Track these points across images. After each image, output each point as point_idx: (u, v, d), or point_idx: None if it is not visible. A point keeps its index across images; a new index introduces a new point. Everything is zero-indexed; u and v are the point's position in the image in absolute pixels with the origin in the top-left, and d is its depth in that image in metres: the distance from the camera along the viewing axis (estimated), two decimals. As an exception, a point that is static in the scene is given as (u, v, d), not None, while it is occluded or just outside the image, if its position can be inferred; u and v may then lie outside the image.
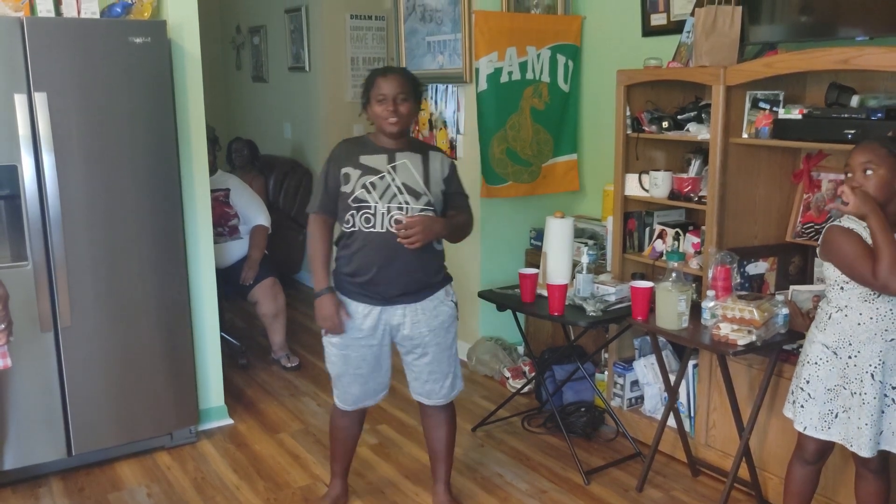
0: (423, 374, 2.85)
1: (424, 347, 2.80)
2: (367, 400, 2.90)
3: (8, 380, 3.12)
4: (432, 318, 2.78)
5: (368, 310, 2.73)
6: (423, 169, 2.72)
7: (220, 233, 4.42)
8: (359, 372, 2.81)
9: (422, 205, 2.67)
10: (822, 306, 2.49)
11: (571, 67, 4.38)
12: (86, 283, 3.22)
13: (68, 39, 3.08)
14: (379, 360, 2.82)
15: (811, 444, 2.54)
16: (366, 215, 2.66)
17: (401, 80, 2.67)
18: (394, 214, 2.65)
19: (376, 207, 2.65)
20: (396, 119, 2.65)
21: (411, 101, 2.68)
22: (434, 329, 2.79)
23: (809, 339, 2.52)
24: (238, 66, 7.33)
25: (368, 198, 2.65)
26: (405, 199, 2.66)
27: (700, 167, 3.38)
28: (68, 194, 3.14)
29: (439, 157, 2.79)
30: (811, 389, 2.47)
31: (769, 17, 3.22)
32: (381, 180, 2.66)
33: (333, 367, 2.85)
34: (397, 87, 2.65)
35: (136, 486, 3.28)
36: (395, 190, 2.66)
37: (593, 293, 3.41)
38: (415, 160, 2.72)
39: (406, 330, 2.76)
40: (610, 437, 3.67)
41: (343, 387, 2.86)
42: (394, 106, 2.64)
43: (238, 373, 4.52)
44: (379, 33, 6.06)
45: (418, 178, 2.69)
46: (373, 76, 2.70)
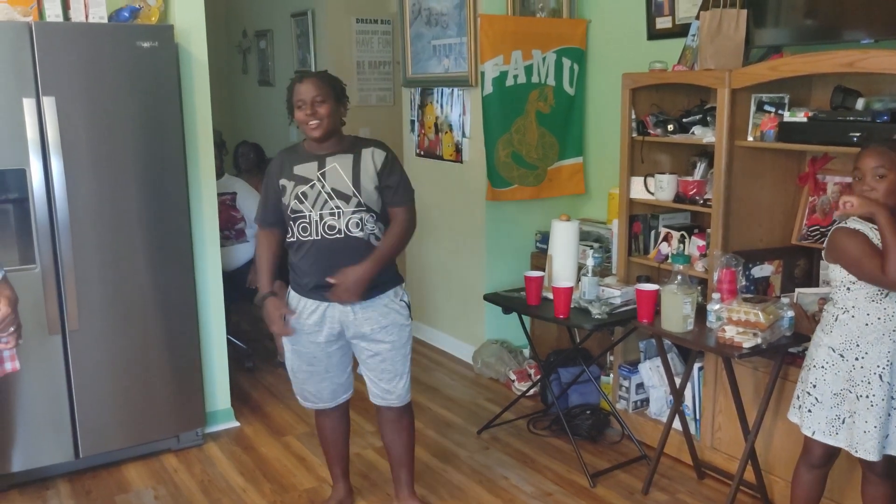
0: (376, 373, 2.85)
1: (377, 344, 2.80)
2: (327, 401, 2.91)
3: (16, 382, 3.13)
4: (382, 315, 2.77)
5: (315, 305, 2.75)
6: (353, 170, 2.71)
7: (226, 236, 4.44)
8: (311, 369, 2.84)
9: (353, 207, 2.68)
10: (828, 308, 2.48)
11: (577, 71, 4.39)
12: (93, 287, 3.24)
13: (76, 44, 3.10)
14: (332, 360, 2.84)
15: (818, 449, 2.53)
16: (302, 224, 2.70)
17: (316, 82, 2.67)
18: (326, 221, 2.67)
19: (310, 216, 2.68)
20: (317, 122, 2.66)
21: (330, 101, 2.67)
22: (385, 327, 2.78)
23: (815, 342, 2.51)
24: (244, 71, 7.35)
25: (302, 207, 2.69)
26: (336, 203, 2.67)
27: (705, 170, 3.38)
28: (76, 198, 3.15)
29: (371, 153, 2.74)
30: (818, 394, 2.46)
31: (774, 20, 3.22)
32: (311, 189, 2.69)
33: (287, 361, 2.90)
34: (313, 90, 2.65)
35: (142, 489, 3.29)
36: (325, 197, 2.68)
37: (598, 296, 3.41)
38: (345, 162, 2.71)
39: (355, 328, 2.77)
40: (615, 439, 3.67)
41: (298, 383, 2.90)
42: (311, 109, 2.65)
43: (244, 376, 4.53)
44: (385, 37, 6.08)
45: (347, 181, 2.69)
46: (291, 84, 2.72)
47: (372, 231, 2.72)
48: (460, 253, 4.62)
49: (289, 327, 2.78)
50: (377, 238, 2.74)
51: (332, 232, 2.67)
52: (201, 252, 3.62)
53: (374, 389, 2.89)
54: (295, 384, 2.92)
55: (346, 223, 2.67)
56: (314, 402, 2.92)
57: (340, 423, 2.99)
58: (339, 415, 2.97)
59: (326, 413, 2.95)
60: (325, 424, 2.99)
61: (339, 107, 2.72)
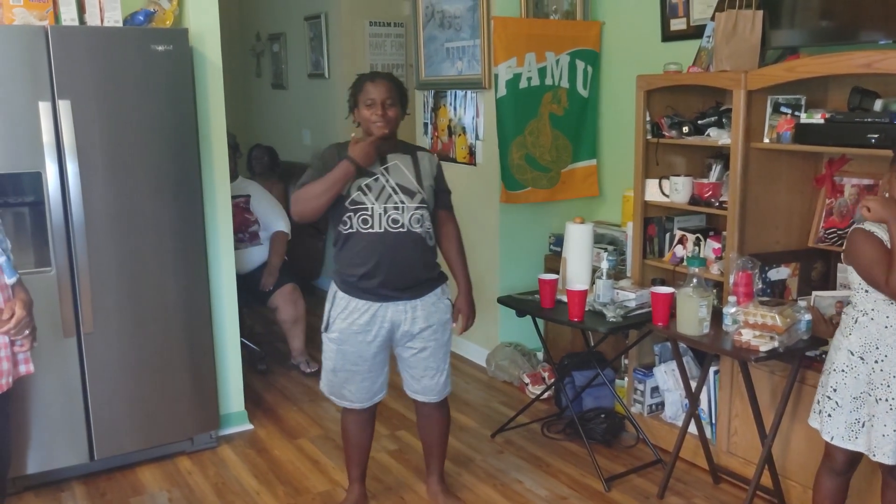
0: (418, 371, 2.90)
1: (424, 342, 2.85)
2: (363, 401, 2.91)
3: (31, 385, 3.14)
4: (430, 314, 2.84)
5: (367, 306, 2.77)
6: (415, 168, 2.79)
7: (240, 239, 4.45)
8: (355, 369, 2.84)
9: (416, 203, 2.75)
10: (847, 311, 2.45)
11: (590, 73, 4.38)
12: (108, 289, 3.25)
13: (91, 47, 3.11)
14: (377, 359, 2.85)
15: (840, 455, 2.49)
16: (363, 216, 2.72)
17: (389, 84, 2.74)
18: (390, 214, 2.71)
19: (373, 209, 2.71)
20: (384, 123, 2.72)
21: (398, 106, 2.75)
22: (432, 325, 2.85)
23: (835, 346, 2.47)
24: (258, 74, 7.37)
25: (365, 200, 2.71)
26: (400, 198, 2.73)
27: (721, 172, 3.36)
28: (91, 201, 3.17)
29: (427, 157, 2.87)
30: (838, 398, 2.43)
31: (790, 21, 3.20)
32: (375, 182, 2.73)
33: (329, 360, 2.89)
34: (385, 91, 2.72)
35: (157, 491, 3.30)
36: (389, 190, 2.73)
37: (613, 299, 3.39)
38: (405, 160, 2.80)
39: (406, 326, 2.81)
40: (630, 443, 3.65)
41: (338, 382, 2.89)
42: (382, 110, 2.71)
43: (258, 378, 4.54)
44: (398, 40, 6.08)
45: (411, 178, 2.76)
46: (361, 81, 2.78)
47: (428, 229, 2.81)
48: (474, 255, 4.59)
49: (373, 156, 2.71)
50: (431, 236, 2.83)
51: (395, 226, 2.72)
52: (215, 255, 3.62)
53: (416, 386, 2.93)
54: (332, 383, 2.91)
55: (409, 218, 2.73)
56: (350, 401, 2.91)
57: (368, 424, 3.00)
58: (368, 416, 2.98)
59: (356, 413, 2.95)
60: (353, 425, 2.98)
61: (403, 111, 2.80)
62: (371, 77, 2.77)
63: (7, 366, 2.28)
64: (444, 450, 3.12)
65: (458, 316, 2.98)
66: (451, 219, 2.97)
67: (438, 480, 3.14)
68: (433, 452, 3.10)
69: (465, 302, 2.98)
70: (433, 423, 3.04)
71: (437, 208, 2.89)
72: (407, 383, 2.97)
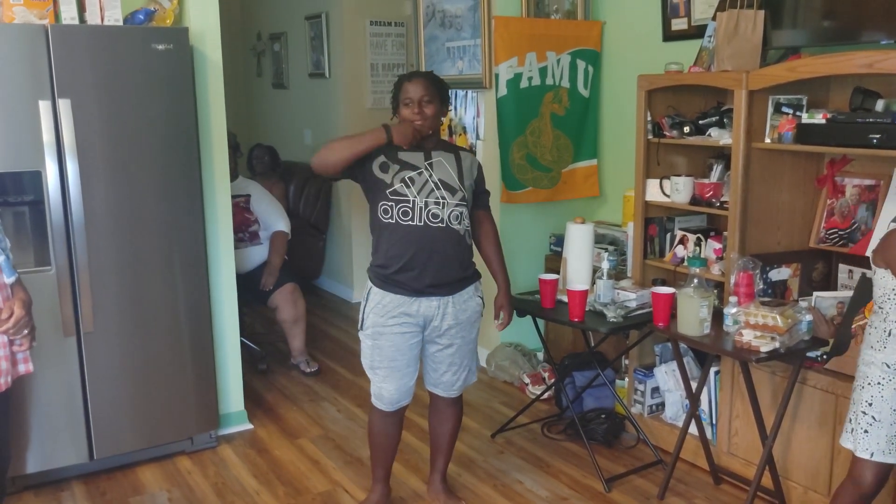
0: (443, 366, 2.92)
1: (451, 339, 2.87)
2: (403, 399, 2.90)
3: (31, 384, 3.14)
4: (461, 311, 2.86)
5: (400, 300, 2.78)
6: (457, 166, 2.83)
7: (240, 238, 4.44)
8: (393, 365, 2.83)
9: (457, 200, 2.78)
10: (876, 324, 2.30)
11: (591, 73, 4.37)
12: (108, 289, 3.25)
13: (92, 46, 3.11)
14: (412, 353, 2.85)
15: (870, 474, 2.32)
16: (404, 209, 2.74)
17: (425, 82, 2.78)
18: (431, 209, 2.74)
19: (414, 202, 2.73)
20: (422, 121, 2.75)
21: (436, 102, 2.79)
22: (461, 322, 2.86)
23: (867, 360, 2.32)
24: (259, 73, 7.37)
25: (407, 192, 2.74)
26: (442, 194, 2.75)
27: (722, 172, 3.35)
28: (91, 200, 3.16)
29: (469, 157, 2.92)
30: (875, 412, 2.28)
31: (791, 21, 3.19)
32: (419, 176, 2.76)
33: (366, 358, 2.89)
34: (422, 89, 2.76)
35: (157, 491, 3.29)
36: (432, 185, 2.75)
37: (614, 299, 3.39)
38: (448, 158, 2.83)
39: (436, 321, 2.82)
40: (631, 444, 3.65)
41: (377, 382, 2.88)
42: (419, 108, 2.75)
43: (258, 378, 4.53)
44: (399, 39, 6.07)
45: (454, 175, 2.80)
46: (400, 81, 2.82)
47: (467, 227, 2.84)
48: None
49: None
50: (469, 235, 2.87)
51: (435, 220, 2.74)
52: (215, 254, 3.62)
53: (436, 380, 2.96)
54: (374, 384, 2.90)
55: (449, 214, 2.76)
56: (389, 403, 2.88)
57: (396, 426, 2.99)
58: (395, 419, 2.96)
59: (385, 416, 2.93)
60: (381, 428, 2.96)
61: (443, 108, 2.83)
62: (409, 76, 2.82)
63: (6, 365, 2.28)
64: (451, 448, 3.12)
65: (500, 312, 3.02)
66: (489, 218, 3.02)
67: (441, 480, 3.14)
68: (440, 449, 3.10)
69: (505, 299, 3.02)
70: (445, 418, 3.05)
71: (476, 208, 2.94)
72: (428, 376, 2.98)
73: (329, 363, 4.76)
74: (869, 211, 3.07)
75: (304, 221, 6.01)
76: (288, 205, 5.99)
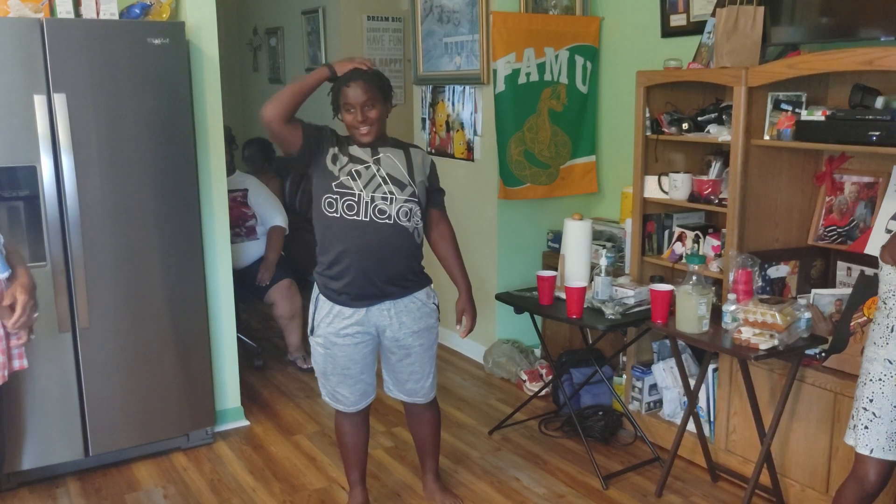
0: (403, 375, 2.88)
1: (408, 349, 2.82)
2: (356, 403, 2.87)
3: (26, 380, 3.13)
4: (416, 320, 2.79)
5: (351, 312, 2.72)
6: (407, 162, 2.73)
7: (237, 233, 4.43)
8: (346, 373, 2.79)
9: (406, 195, 2.69)
10: (879, 320, 2.27)
11: (590, 69, 4.36)
12: (104, 284, 3.23)
13: (87, 40, 3.09)
14: (366, 361, 2.81)
15: (874, 472, 2.29)
16: (349, 202, 2.65)
17: (365, 85, 2.63)
18: (377, 204, 2.65)
19: (360, 195, 2.65)
20: (367, 129, 2.66)
21: (379, 104, 2.66)
22: (418, 332, 2.81)
23: (869, 357, 2.29)
24: (255, 68, 7.35)
25: (353, 185, 2.65)
26: (390, 188, 2.67)
27: (720, 169, 3.35)
28: (87, 195, 3.14)
29: (420, 154, 2.81)
30: (876, 408, 2.26)
31: (791, 17, 3.18)
32: (366, 170, 2.67)
33: (318, 365, 2.84)
34: (362, 94, 2.63)
35: (152, 488, 3.28)
36: (379, 180, 2.67)
37: (612, 296, 3.38)
38: (397, 154, 2.74)
39: (391, 332, 2.77)
40: (628, 441, 3.64)
41: (330, 386, 2.85)
42: (362, 115, 2.64)
43: (254, 374, 4.52)
44: (396, 34, 6.06)
45: (403, 170, 2.71)
46: (338, 84, 2.67)
47: (417, 225, 2.74)
48: (472, 252, 4.60)
49: None
50: (420, 234, 2.77)
51: (382, 216, 2.65)
52: (212, 250, 3.60)
53: (404, 388, 2.91)
54: (325, 387, 2.88)
55: (397, 211, 2.67)
56: (345, 404, 2.87)
57: (362, 427, 2.96)
58: (361, 419, 2.94)
59: (350, 417, 2.91)
60: (347, 429, 2.94)
61: (387, 106, 2.71)
62: (346, 81, 2.65)
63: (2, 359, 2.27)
64: (437, 446, 3.10)
65: (462, 318, 2.92)
66: (444, 218, 2.90)
67: (434, 478, 3.13)
68: (426, 450, 3.09)
69: (467, 302, 2.91)
70: (423, 421, 3.02)
71: (430, 207, 2.84)
72: (389, 385, 2.93)
73: (325, 359, 4.75)
74: (868, 208, 3.06)
75: (300, 217, 5.99)
76: (284, 200, 5.97)
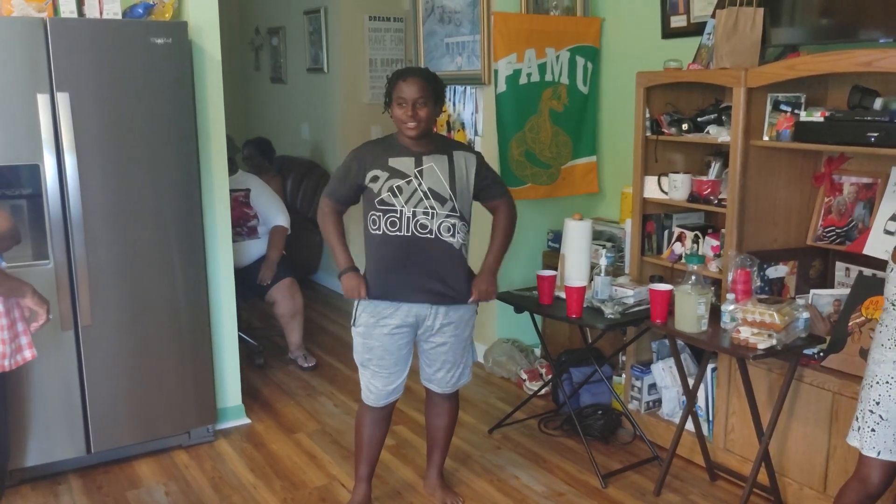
0: (437, 362, 2.91)
1: (444, 337, 2.86)
2: (391, 396, 2.91)
3: (29, 377, 3.14)
4: (454, 310, 2.84)
5: (396, 307, 2.78)
6: (450, 172, 2.74)
7: (238, 233, 4.44)
8: (382, 363, 2.83)
9: (447, 210, 2.72)
10: (887, 322, 2.25)
11: (590, 69, 4.37)
12: (106, 283, 3.25)
13: (90, 40, 3.10)
14: (402, 353, 2.85)
15: (877, 473, 2.29)
16: (391, 219, 2.70)
17: (421, 83, 2.67)
18: (419, 219, 2.69)
19: (402, 211, 2.68)
20: (415, 124, 2.68)
21: (431, 104, 2.70)
22: (455, 322, 2.85)
23: (876, 359, 2.27)
24: (257, 68, 7.36)
25: (395, 202, 2.68)
26: (431, 203, 2.70)
27: (720, 170, 3.36)
28: (89, 194, 3.16)
29: (464, 157, 2.80)
30: (882, 411, 2.24)
31: (790, 19, 3.20)
32: (407, 185, 2.69)
33: (357, 354, 2.89)
34: (417, 91, 2.66)
35: (154, 485, 3.30)
36: (420, 194, 2.69)
37: (611, 295, 3.39)
38: (441, 163, 2.74)
39: (429, 321, 2.82)
40: (627, 440, 3.66)
41: (367, 377, 2.89)
42: (413, 111, 2.66)
43: (255, 373, 4.53)
44: (397, 35, 6.07)
45: (444, 184, 2.72)
46: (395, 78, 2.72)
47: (463, 242, 2.77)
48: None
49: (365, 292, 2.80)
50: (466, 249, 2.80)
51: (423, 231, 2.69)
52: (213, 249, 3.62)
53: (431, 376, 2.95)
54: (363, 376, 2.90)
55: (439, 226, 2.70)
56: (375, 399, 2.89)
57: (383, 423, 2.98)
58: (384, 415, 2.96)
59: (373, 411, 2.93)
60: (367, 421, 2.96)
61: (438, 107, 2.74)
62: (404, 74, 2.70)
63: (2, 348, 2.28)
64: (447, 443, 3.13)
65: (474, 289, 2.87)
66: (504, 203, 2.92)
67: (438, 475, 3.15)
68: (437, 443, 3.11)
69: (482, 278, 2.89)
70: (441, 412, 3.05)
71: (490, 199, 2.89)
72: (423, 371, 2.98)
73: (326, 358, 4.76)
74: (866, 209, 3.08)
75: (301, 216, 6.01)
76: (286, 199, 5.98)
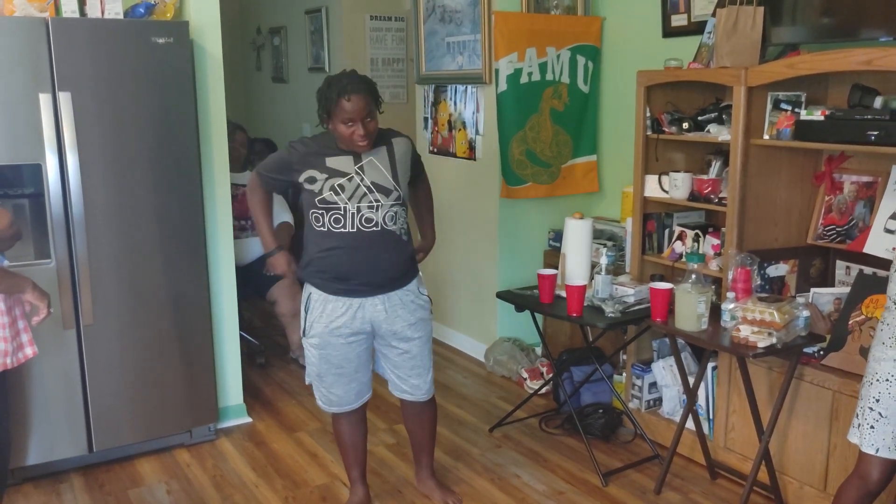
0: (405, 370, 2.88)
1: (407, 342, 2.83)
2: (351, 402, 2.89)
3: (31, 376, 3.15)
4: (411, 312, 2.81)
5: (345, 305, 2.73)
6: (390, 162, 2.72)
7: (242, 227, 4.43)
8: (341, 371, 2.81)
9: (392, 200, 2.71)
10: (889, 320, 2.24)
11: (591, 68, 4.37)
12: (108, 281, 3.25)
13: (92, 39, 3.11)
14: (361, 360, 2.83)
15: (877, 470, 2.29)
16: (335, 216, 2.67)
17: (365, 98, 2.57)
18: (364, 213, 2.67)
19: (346, 208, 2.66)
20: (367, 141, 2.62)
21: (375, 111, 2.63)
22: (414, 324, 2.82)
23: (877, 357, 2.26)
24: (258, 67, 7.37)
25: (337, 199, 2.65)
26: (375, 197, 2.68)
27: (720, 169, 3.36)
28: (91, 193, 3.17)
29: (402, 143, 2.79)
30: (882, 408, 2.24)
31: (791, 17, 3.20)
32: (349, 182, 2.66)
33: (313, 367, 2.84)
34: (363, 106, 2.57)
35: (155, 483, 3.31)
36: (364, 190, 2.67)
37: (612, 294, 3.40)
38: (380, 155, 2.71)
39: (388, 325, 2.78)
40: (628, 438, 3.66)
41: (325, 388, 2.85)
42: (364, 129, 2.59)
43: (256, 372, 4.54)
44: (398, 34, 6.07)
45: (387, 175, 2.70)
46: (333, 95, 2.57)
47: (403, 226, 2.77)
48: (473, 250, 4.62)
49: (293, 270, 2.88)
50: (407, 234, 2.79)
51: (369, 225, 2.67)
52: (215, 248, 3.63)
53: (403, 386, 2.92)
54: (319, 389, 2.88)
55: (384, 216, 2.69)
56: (339, 405, 2.89)
57: (359, 425, 2.98)
58: (358, 417, 2.96)
59: (347, 416, 2.93)
60: (345, 427, 2.95)
61: (379, 108, 2.68)
62: (344, 92, 2.54)
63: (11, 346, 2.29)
64: (433, 444, 3.12)
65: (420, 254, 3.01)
66: (423, 181, 3.01)
67: (430, 474, 3.14)
68: (423, 448, 3.10)
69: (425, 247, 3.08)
70: (423, 420, 3.03)
71: (418, 180, 2.95)
72: (393, 384, 2.94)
73: (328, 357, 4.77)
74: (867, 208, 3.08)
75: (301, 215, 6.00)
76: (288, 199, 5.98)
